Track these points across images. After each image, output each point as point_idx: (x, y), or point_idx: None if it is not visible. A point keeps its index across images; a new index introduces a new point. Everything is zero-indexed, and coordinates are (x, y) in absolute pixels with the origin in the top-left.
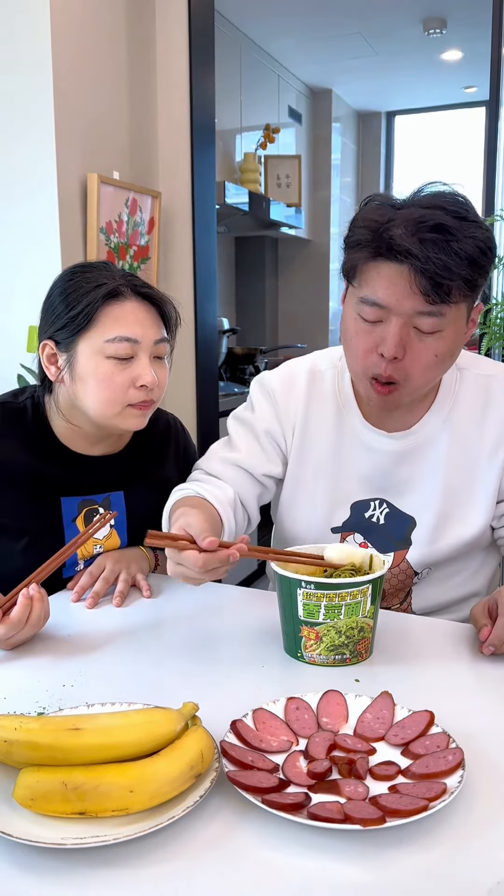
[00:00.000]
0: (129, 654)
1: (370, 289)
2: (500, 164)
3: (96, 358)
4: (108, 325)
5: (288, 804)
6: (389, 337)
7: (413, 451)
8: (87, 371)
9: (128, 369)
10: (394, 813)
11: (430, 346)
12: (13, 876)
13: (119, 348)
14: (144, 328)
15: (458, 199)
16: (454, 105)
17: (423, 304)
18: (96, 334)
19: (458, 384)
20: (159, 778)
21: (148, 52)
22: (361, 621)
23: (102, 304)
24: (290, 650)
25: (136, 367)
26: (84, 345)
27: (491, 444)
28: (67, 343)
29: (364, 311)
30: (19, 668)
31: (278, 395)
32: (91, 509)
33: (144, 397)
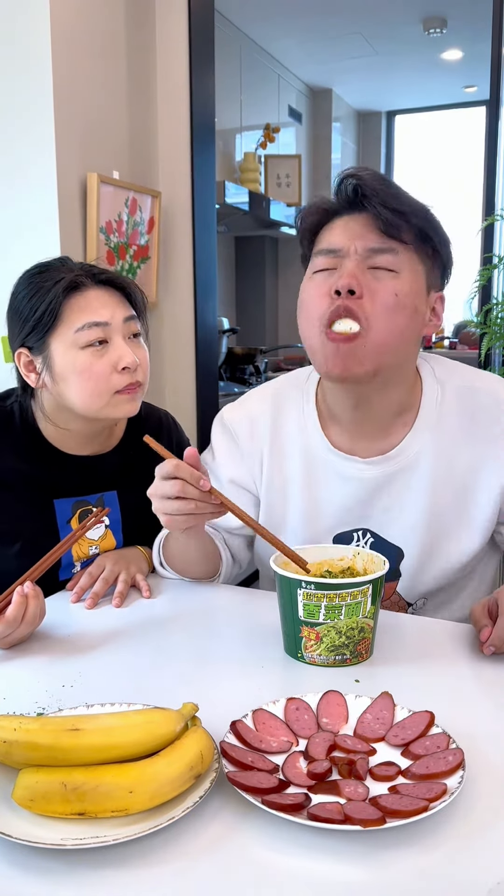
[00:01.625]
0: (129, 655)
1: (325, 241)
2: (500, 164)
3: (71, 352)
4: (74, 317)
5: (288, 805)
6: (344, 272)
7: (393, 477)
8: (66, 367)
9: (105, 355)
10: (394, 813)
11: (387, 286)
12: (13, 877)
13: (90, 335)
14: (111, 309)
15: None
16: (454, 105)
17: (377, 238)
18: (65, 328)
19: (441, 398)
20: (159, 778)
21: (148, 52)
22: (362, 622)
23: (65, 299)
24: (291, 650)
25: (113, 350)
26: (56, 342)
27: (481, 452)
28: (40, 345)
29: (317, 262)
30: (19, 669)
31: (241, 436)
32: (85, 510)
33: (129, 380)
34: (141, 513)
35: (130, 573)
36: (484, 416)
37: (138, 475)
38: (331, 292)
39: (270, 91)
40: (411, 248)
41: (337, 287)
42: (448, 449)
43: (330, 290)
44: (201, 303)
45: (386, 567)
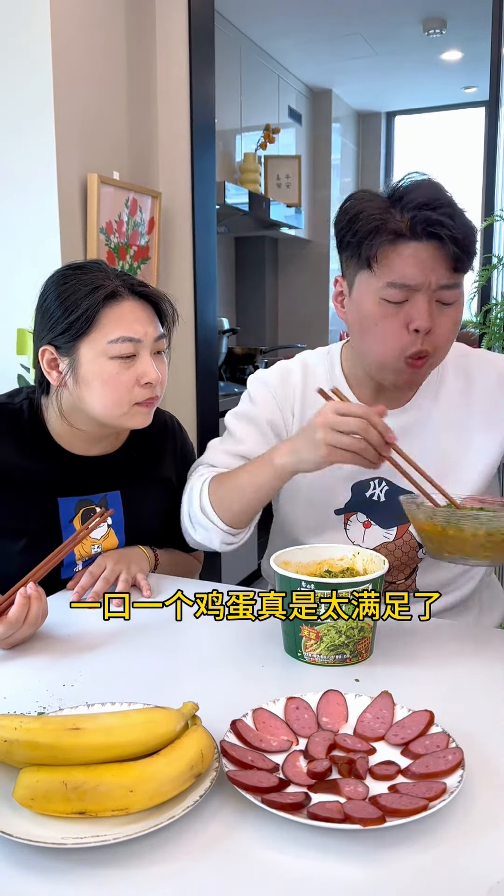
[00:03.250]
0: (129, 654)
1: (397, 272)
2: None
3: (100, 360)
4: (109, 327)
5: (288, 804)
6: (421, 312)
7: (407, 428)
8: (92, 373)
9: (131, 368)
10: (394, 812)
11: (450, 316)
12: (13, 875)
13: (123, 348)
14: (144, 326)
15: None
16: (454, 105)
17: (447, 275)
18: (98, 336)
19: (441, 366)
20: (159, 777)
21: (148, 53)
22: (362, 621)
23: (102, 307)
24: (291, 650)
25: (139, 365)
26: (86, 348)
27: (484, 410)
28: (69, 347)
29: (391, 294)
30: (19, 668)
31: (276, 385)
32: (88, 509)
33: (150, 394)
34: (143, 513)
35: (131, 573)
36: (478, 376)
37: (141, 476)
38: (407, 327)
39: (270, 91)
40: (466, 272)
41: (417, 327)
42: (448, 408)
43: (405, 324)
44: (201, 303)
45: (385, 567)
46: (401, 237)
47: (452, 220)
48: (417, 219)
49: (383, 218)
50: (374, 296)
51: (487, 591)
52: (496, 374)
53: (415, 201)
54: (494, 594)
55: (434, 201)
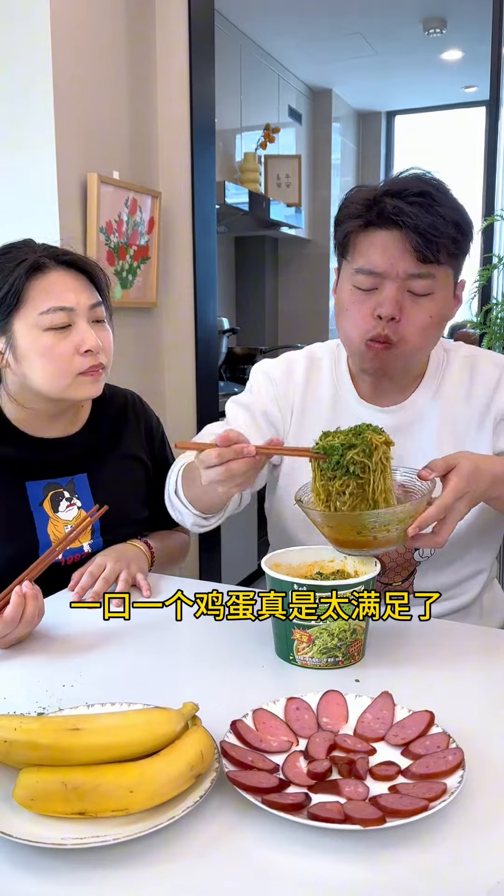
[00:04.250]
0: (129, 655)
1: (364, 258)
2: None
3: (34, 333)
4: (38, 299)
5: (288, 804)
6: (386, 299)
7: (406, 425)
8: (29, 348)
9: (68, 337)
10: (394, 813)
11: (424, 308)
12: (13, 876)
13: (54, 318)
14: (76, 293)
15: (438, 178)
16: (454, 105)
17: (415, 265)
18: (29, 310)
19: (445, 363)
20: (159, 778)
21: (148, 52)
22: (354, 624)
23: (27, 279)
24: (282, 653)
25: (77, 333)
26: (19, 323)
27: (478, 412)
28: (3, 325)
29: (359, 280)
30: (19, 669)
31: (278, 379)
32: (56, 492)
33: (92, 362)
34: (113, 493)
35: (131, 572)
36: (480, 376)
37: (106, 456)
38: (373, 313)
39: (270, 91)
40: (446, 264)
41: (380, 313)
42: (449, 406)
43: (372, 311)
44: (201, 303)
45: (377, 568)
46: (370, 224)
47: (422, 209)
48: (383, 206)
49: (361, 207)
50: (347, 283)
51: (489, 593)
52: (496, 376)
53: (387, 189)
54: (495, 597)
55: (405, 190)
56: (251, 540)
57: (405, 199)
